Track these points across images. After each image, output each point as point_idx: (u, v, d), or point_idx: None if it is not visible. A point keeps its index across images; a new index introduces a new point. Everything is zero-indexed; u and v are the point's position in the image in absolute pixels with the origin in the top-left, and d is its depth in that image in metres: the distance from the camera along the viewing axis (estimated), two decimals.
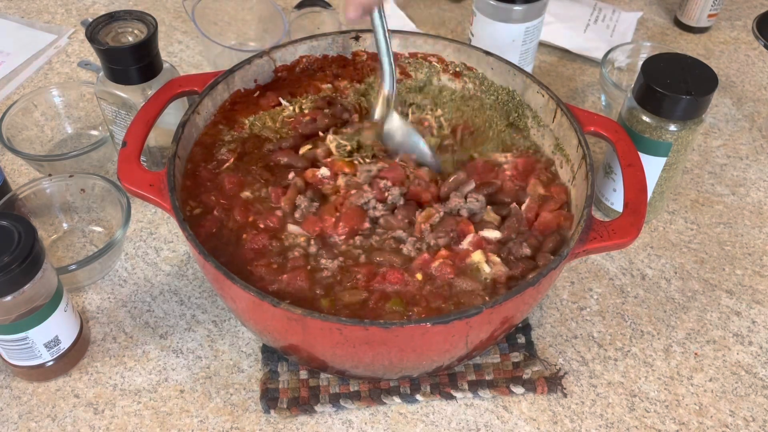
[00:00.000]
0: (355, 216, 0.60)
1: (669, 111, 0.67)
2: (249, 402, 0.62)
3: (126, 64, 0.68)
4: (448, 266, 0.57)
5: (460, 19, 1.06)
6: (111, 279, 0.71)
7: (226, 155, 0.65)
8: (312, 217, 0.60)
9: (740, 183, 0.82)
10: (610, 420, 0.61)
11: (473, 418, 0.61)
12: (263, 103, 0.70)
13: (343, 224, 0.60)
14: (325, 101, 0.72)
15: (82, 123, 0.84)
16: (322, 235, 0.60)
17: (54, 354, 0.61)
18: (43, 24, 1.02)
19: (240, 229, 0.60)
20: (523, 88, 0.69)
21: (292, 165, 0.65)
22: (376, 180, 0.62)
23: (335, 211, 0.61)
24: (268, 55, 0.71)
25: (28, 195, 0.71)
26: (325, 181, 0.63)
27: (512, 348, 0.65)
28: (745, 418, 0.62)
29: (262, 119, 0.69)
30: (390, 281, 0.56)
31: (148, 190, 0.58)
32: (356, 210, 0.60)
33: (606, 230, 0.56)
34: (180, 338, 0.66)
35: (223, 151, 0.65)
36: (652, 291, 0.71)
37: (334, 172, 0.63)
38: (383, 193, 0.62)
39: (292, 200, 0.61)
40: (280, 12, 0.93)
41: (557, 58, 0.99)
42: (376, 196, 0.61)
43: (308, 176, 0.64)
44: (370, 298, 0.55)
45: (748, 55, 1.01)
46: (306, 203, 0.61)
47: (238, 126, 0.68)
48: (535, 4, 0.79)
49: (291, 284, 0.56)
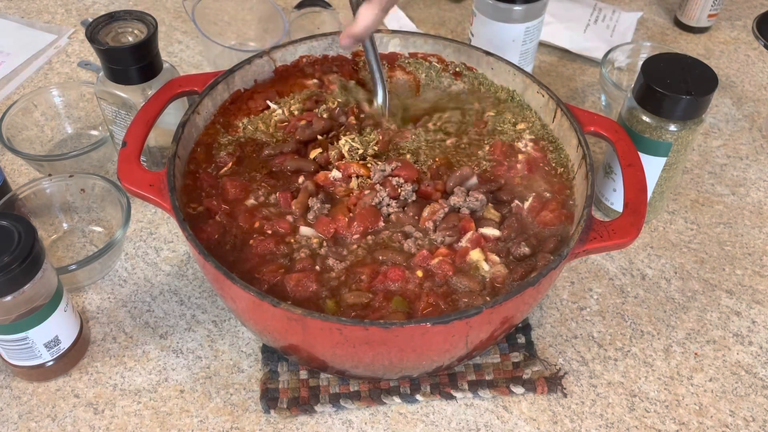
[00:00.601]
0: (369, 216, 0.60)
1: (669, 111, 0.67)
2: (249, 402, 0.62)
3: (126, 64, 0.68)
4: (447, 264, 0.57)
5: (460, 19, 1.06)
6: (111, 279, 0.71)
7: (225, 159, 0.65)
8: (324, 219, 0.60)
9: (740, 183, 0.82)
10: (610, 420, 0.61)
11: (473, 418, 0.61)
12: (252, 105, 0.70)
13: (357, 224, 0.60)
14: (312, 101, 0.71)
15: (82, 123, 0.84)
16: (335, 236, 0.60)
17: (54, 354, 0.61)
18: (43, 24, 1.02)
19: (245, 235, 0.59)
20: (523, 88, 0.69)
21: (302, 169, 0.65)
22: (389, 178, 0.62)
23: (348, 211, 0.61)
24: (268, 55, 0.71)
25: (28, 195, 0.71)
26: (337, 183, 0.63)
27: (512, 348, 0.65)
28: (745, 418, 0.62)
29: (254, 123, 0.69)
30: (391, 279, 0.56)
31: (148, 190, 0.58)
32: (371, 210, 0.61)
33: (606, 230, 0.56)
34: (180, 338, 0.66)
35: (222, 155, 0.65)
36: (652, 291, 0.71)
37: (347, 174, 0.63)
38: (396, 190, 0.62)
39: (304, 204, 0.61)
40: (280, 12, 0.93)
41: (557, 58, 0.99)
42: (390, 194, 0.61)
43: (320, 179, 0.63)
44: (374, 300, 0.55)
45: (748, 55, 1.01)
46: (318, 205, 0.61)
47: (232, 129, 0.68)
48: (535, 4, 0.79)
49: (299, 286, 0.56)
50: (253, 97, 0.71)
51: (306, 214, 0.61)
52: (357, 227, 0.59)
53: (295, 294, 0.55)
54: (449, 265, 0.57)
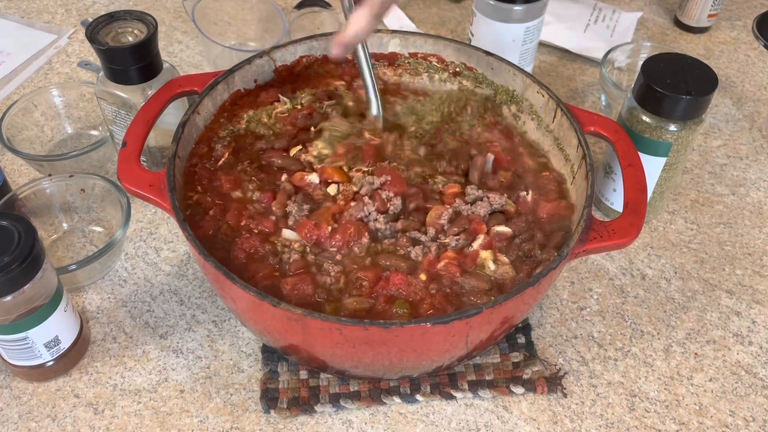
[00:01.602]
0: (354, 229, 0.59)
1: (669, 111, 0.67)
2: (249, 402, 0.62)
3: (126, 64, 0.68)
4: (454, 266, 0.57)
5: (460, 19, 1.06)
6: (111, 279, 0.71)
7: (221, 150, 0.65)
8: (307, 222, 0.59)
9: (740, 183, 0.82)
10: (610, 420, 0.61)
11: (473, 418, 0.61)
12: (263, 98, 0.70)
13: (339, 236, 0.59)
14: (325, 94, 0.71)
15: (82, 123, 0.84)
16: (318, 243, 0.59)
17: (54, 354, 0.61)
18: (43, 24, 1.02)
19: (233, 232, 0.59)
20: (523, 88, 0.69)
21: (286, 168, 0.65)
22: (378, 192, 0.62)
23: (332, 220, 0.60)
24: (268, 55, 0.71)
25: (28, 195, 0.71)
26: (314, 186, 0.63)
27: (512, 348, 0.65)
28: (745, 418, 0.62)
29: (258, 115, 0.69)
30: (395, 284, 0.56)
31: (148, 190, 0.58)
32: (356, 223, 0.59)
33: (606, 230, 0.56)
34: (180, 338, 0.66)
35: (218, 147, 0.65)
36: (652, 291, 0.71)
37: (324, 179, 0.63)
38: (385, 204, 0.61)
39: (283, 204, 0.61)
40: (280, 12, 0.93)
41: (557, 58, 0.99)
42: (378, 208, 0.60)
43: (295, 180, 0.63)
44: (376, 305, 0.55)
45: (748, 55, 1.01)
46: (296, 208, 0.60)
47: (236, 120, 0.68)
48: (535, 4, 0.79)
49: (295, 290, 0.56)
50: (267, 90, 0.71)
51: (286, 215, 0.61)
52: (339, 239, 0.59)
53: (291, 299, 0.55)
54: (456, 267, 0.57)
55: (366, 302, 0.55)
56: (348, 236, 0.59)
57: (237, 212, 0.61)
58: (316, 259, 0.58)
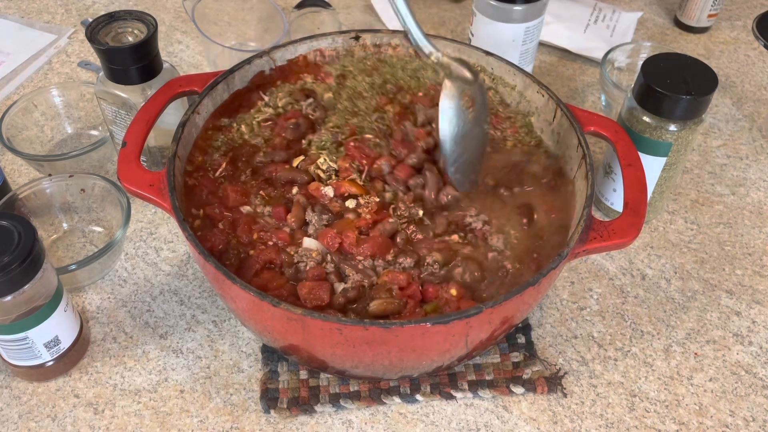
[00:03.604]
0: (383, 244, 0.58)
1: (669, 111, 0.67)
2: (249, 402, 0.62)
3: (126, 64, 0.68)
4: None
5: (460, 19, 1.06)
6: (111, 279, 0.71)
7: (219, 160, 0.64)
8: (329, 231, 0.58)
9: (740, 183, 0.82)
10: (610, 420, 0.61)
11: (473, 418, 0.61)
12: (255, 98, 0.69)
13: (368, 246, 0.58)
14: (302, 93, 0.70)
15: (82, 123, 0.84)
16: (341, 250, 0.59)
17: (54, 354, 0.61)
18: (43, 24, 1.02)
19: (245, 247, 0.59)
20: (523, 88, 0.69)
21: (295, 181, 0.63)
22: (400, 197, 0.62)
23: (357, 231, 0.59)
24: (268, 55, 0.71)
25: (28, 195, 0.71)
26: (331, 199, 0.62)
27: (512, 348, 0.65)
28: (745, 418, 0.62)
29: (239, 123, 0.68)
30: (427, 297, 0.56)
31: (148, 190, 0.58)
32: (385, 239, 0.59)
33: (606, 230, 0.56)
34: (180, 338, 0.66)
35: (216, 157, 0.65)
36: (652, 291, 0.71)
37: (339, 193, 0.62)
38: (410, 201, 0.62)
39: (300, 217, 0.60)
40: (280, 12, 0.93)
41: (557, 58, 0.99)
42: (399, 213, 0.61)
43: (311, 190, 0.62)
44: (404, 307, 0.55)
45: (748, 55, 1.01)
46: (317, 218, 0.60)
47: (226, 129, 0.67)
48: (535, 4, 0.79)
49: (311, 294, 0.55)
50: (257, 90, 0.70)
51: (303, 226, 0.60)
52: (366, 250, 0.58)
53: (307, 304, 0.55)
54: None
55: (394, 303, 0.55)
56: (377, 250, 0.58)
57: (247, 225, 0.60)
58: (335, 268, 0.57)
